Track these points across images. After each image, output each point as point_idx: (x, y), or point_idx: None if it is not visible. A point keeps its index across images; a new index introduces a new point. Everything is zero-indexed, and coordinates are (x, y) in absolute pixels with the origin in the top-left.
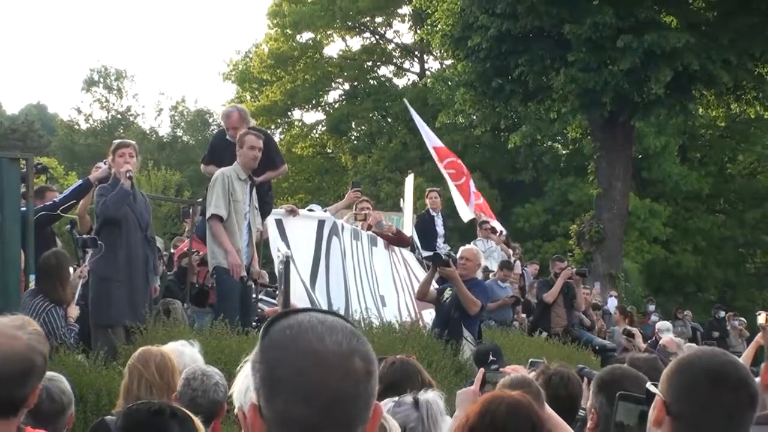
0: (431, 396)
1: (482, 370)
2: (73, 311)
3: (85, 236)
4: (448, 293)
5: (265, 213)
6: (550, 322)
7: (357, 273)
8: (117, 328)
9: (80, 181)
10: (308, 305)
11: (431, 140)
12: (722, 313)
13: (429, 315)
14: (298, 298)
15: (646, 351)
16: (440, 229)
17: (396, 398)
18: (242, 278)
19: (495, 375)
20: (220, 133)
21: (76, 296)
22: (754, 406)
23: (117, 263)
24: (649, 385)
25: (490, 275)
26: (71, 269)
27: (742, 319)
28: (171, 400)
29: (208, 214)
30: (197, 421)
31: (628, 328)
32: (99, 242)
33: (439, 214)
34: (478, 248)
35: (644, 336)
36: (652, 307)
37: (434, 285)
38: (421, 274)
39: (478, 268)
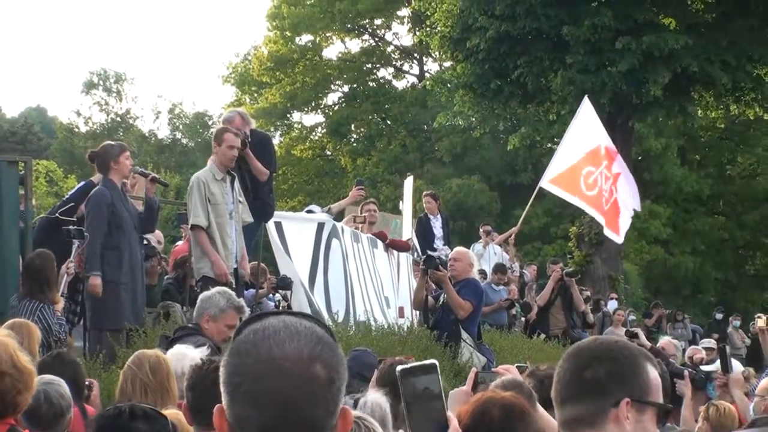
0: (374, 398)
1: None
2: (59, 304)
3: (71, 227)
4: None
5: (267, 215)
6: (549, 324)
7: (360, 274)
8: (122, 332)
9: (83, 183)
10: (307, 307)
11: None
12: (719, 315)
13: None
14: (301, 299)
15: (651, 350)
16: (438, 231)
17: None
18: (229, 285)
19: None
20: None
21: (60, 289)
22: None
23: (122, 267)
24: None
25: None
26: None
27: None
28: (170, 403)
29: (189, 225)
30: (178, 419)
31: (631, 329)
32: (85, 233)
33: (438, 216)
34: (476, 251)
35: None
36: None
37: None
38: (412, 281)
39: (471, 268)
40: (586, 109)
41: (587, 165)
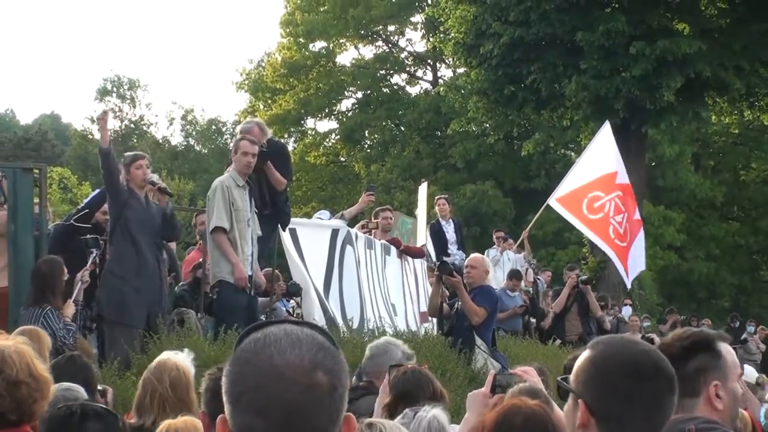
0: (435, 413)
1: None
2: (69, 310)
3: (87, 236)
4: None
5: (283, 223)
6: (564, 330)
7: (370, 281)
8: (133, 331)
9: (99, 190)
10: (322, 314)
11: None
12: (737, 323)
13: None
14: (314, 307)
15: None
16: (451, 235)
17: (407, 411)
18: (247, 290)
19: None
20: None
21: (73, 296)
22: (674, 390)
23: (132, 268)
24: (560, 380)
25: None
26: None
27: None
28: (190, 414)
29: (210, 227)
30: (195, 425)
31: (647, 335)
32: (101, 242)
33: (450, 221)
34: (491, 256)
35: None
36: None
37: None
38: (427, 287)
39: (486, 275)
40: (605, 133)
41: (595, 189)
